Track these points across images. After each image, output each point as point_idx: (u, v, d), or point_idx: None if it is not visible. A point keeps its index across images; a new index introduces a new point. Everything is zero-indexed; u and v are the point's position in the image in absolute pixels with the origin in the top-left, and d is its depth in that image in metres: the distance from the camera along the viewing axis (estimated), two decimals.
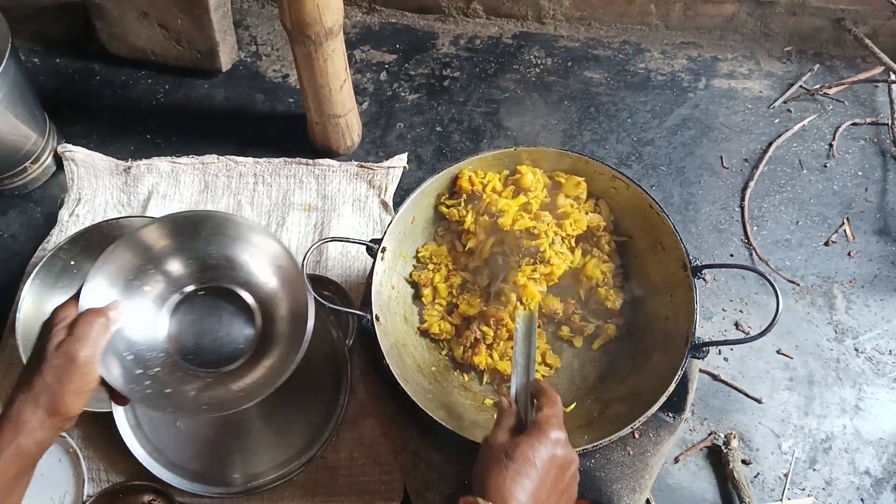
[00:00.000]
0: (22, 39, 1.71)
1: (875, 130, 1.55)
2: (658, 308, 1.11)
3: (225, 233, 0.96)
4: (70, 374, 0.76)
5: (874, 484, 1.19)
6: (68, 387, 0.76)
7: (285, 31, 1.27)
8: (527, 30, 1.74)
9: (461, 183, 1.16)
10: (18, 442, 0.75)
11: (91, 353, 0.78)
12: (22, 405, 0.75)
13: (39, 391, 0.76)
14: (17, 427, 0.75)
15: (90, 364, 0.78)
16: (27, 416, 0.75)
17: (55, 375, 0.76)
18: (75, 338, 0.78)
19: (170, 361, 0.93)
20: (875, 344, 1.31)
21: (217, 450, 1.19)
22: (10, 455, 0.74)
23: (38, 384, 0.76)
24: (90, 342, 0.78)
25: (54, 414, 0.76)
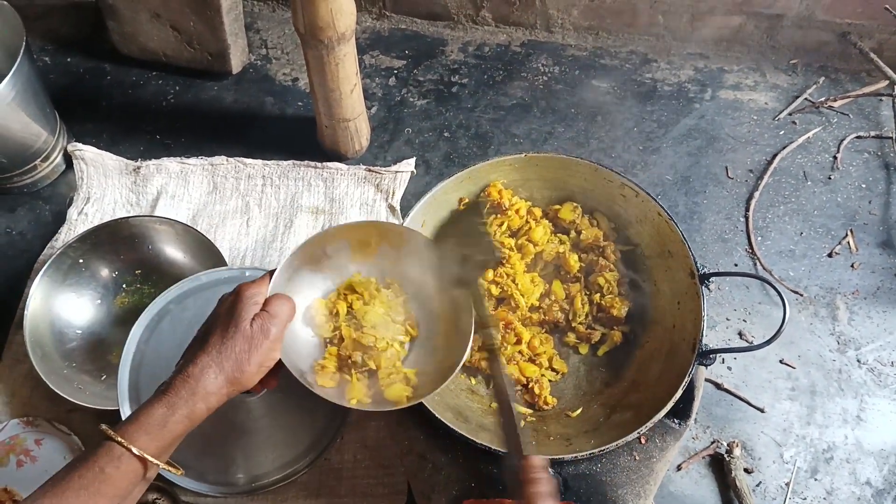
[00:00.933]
0: (33, 38, 1.73)
1: (879, 144, 1.57)
2: (665, 315, 1.12)
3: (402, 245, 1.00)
4: (261, 346, 0.78)
5: (875, 494, 1.19)
6: (255, 358, 0.78)
7: (298, 35, 1.28)
8: (535, 38, 1.76)
9: (491, 191, 1.19)
10: (194, 403, 0.75)
11: (281, 331, 0.81)
12: (205, 367, 0.76)
13: (226, 357, 0.77)
14: (196, 388, 0.75)
15: (278, 341, 0.80)
16: (208, 380, 0.76)
17: (247, 345, 0.78)
18: (272, 314, 0.80)
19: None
20: (877, 355, 1.32)
21: (222, 449, 1.19)
22: (182, 415, 0.75)
23: (227, 349, 0.77)
24: (283, 321, 0.81)
25: (233, 382, 0.77)
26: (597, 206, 1.22)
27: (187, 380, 0.76)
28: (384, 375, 0.95)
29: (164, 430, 0.74)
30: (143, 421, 0.74)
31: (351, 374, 0.94)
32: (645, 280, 1.18)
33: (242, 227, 1.43)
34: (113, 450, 0.72)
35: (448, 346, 0.97)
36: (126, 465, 0.72)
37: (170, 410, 0.75)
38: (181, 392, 0.75)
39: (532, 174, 1.22)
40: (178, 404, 0.75)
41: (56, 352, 1.25)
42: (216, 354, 0.77)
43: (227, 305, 0.82)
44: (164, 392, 0.76)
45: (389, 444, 1.20)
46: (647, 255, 1.18)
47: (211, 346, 0.77)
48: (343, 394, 0.93)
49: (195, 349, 0.79)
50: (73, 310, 1.29)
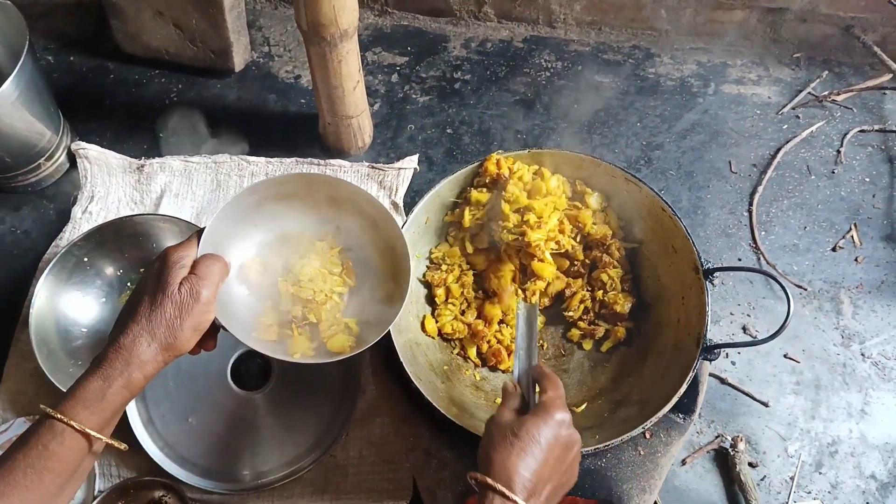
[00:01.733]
0: (37, 37, 1.73)
1: (883, 137, 1.56)
2: (670, 310, 1.12)
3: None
4: (192, 310, 0.77)
5: (880, 488, 1.20)
6: (188, 322, 0.77)
7: (300, 32, 1.28)
8: (538, 34, 1.76)
9: (488, 166, 1.17)
10: (129, 373, 0.75)
11: (212, 293, 0.80)
12: (137, 336, 0.76)
13: (157, 324, 0.76)
14: (130, 358, 0.75)
15: (210, 303, 0.80)
16: (141, 348, 0.76)
17: (178, 310, 0.77)
18: (200, 276, 0.79)
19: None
20: (881, 349, 1.32)
21: (227, 446, 1.19)
22: (119, 386, 0.75)
23: (156, 317, 0.76)
24: (213, 283, 0.80)
25: (168, 349, 0.77)
26: None
27: (120, 351, 0.75)
28: (325, 327, 0.96)
29: (103, 403, 0.74)
30: (80, 395, 0.74)
31: (292, 329, 0.95)
32: (649, 275, 1.18)
33: None
34: (54, 426, 0.72)
35: (389, 293, 0.99)
36: (69, 440, 0.72)
37: (106, 383, 0.74)
38: (115, 363, 0.75)
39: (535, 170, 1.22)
40: (114, 376, 0.75)
41: (61, 350, 1.25)
42: (146, 323, 0.76)
43: (154, 271, 0.81)
44: (99, 365, 0.75)
45: (394, 440, 1.20)
46: (650, 250, 1.18)
47: (140, 314, 0.77)
48: (285, 348, 0.93)
49: (125, 319, 0.78)
50: (79, 308, 1.29)
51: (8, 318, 1.32)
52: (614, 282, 1.19)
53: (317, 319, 0.97)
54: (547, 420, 0.80)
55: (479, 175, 1.18)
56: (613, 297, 1.18)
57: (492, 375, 1.18)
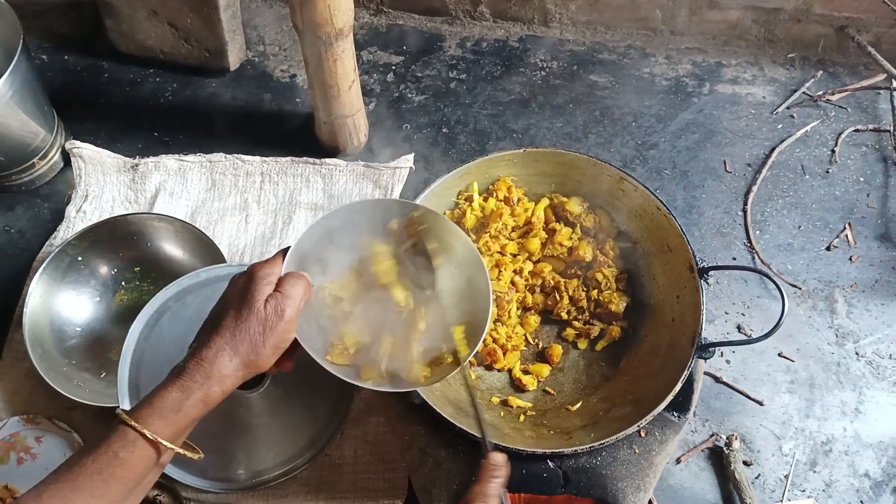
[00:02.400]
0: (31, 36, 1.72)
1: (877, 137, 1.57)
2: (664, 309, 1.12)
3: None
4: (275, 328, 0.76)
5: (874, 486, 1.20)
6: (271, 340, 0.76)
7: (296, 31, 1.28)
8: (533, 33, 1.76)
9: (500, 185, 1.20)
10: (209, 387, 0.74)
11: (296, 311, 0.78)
12: (220, 350, 0.75)
13: (241, 339, 0.75)
14: (211, 372, 0.74)
15: (293, 322, 0.78)
16: (223, 363, 0.74)
17: (262, 327, 0.76)
18: (286, 295, 0.78)
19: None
20: (875, 348, 1.32)
21: (222, 445, 1.19)
22: (196, 399, 0.74)
23: (241, 332, 0.75)
24: (297, 302, 0.79)
25: (248, 365, 0.76)
26: (596, 200, 1.22)
27: (201, 363, 0.74)
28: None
29: (179, 415, 0.73)
30: (157, 405, 0.73)
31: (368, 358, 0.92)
32: (644, 274, 1.18)
33: (241, 223, 1.43)
34: (127, 434, 0.71)
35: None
36: (140, 449, 0.71)
37: (184, 394, 0.73)
38: (196, 376, 0.74)
39: (531, 169, 1.22)
40: (193, 388, 0.73)
41: (56, 349, 1.25)
42: (230, 337, 0.75)
43: (239, 286, 0.80)
44: (179, 375, 0.74)
45: (390, 439, 1.20)
46: (645, 250, 1.18)
47: (224, 328, 0.76)
48: (358, 373, 0.91)
49: (208, 331, 0.77)
50: (73, 307, 1.29)
51: (2, 317, 1.32)
52: (609, 281, 1.19)
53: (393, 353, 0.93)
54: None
55: (489, 190, 1.21)
56: (608, 296, 1.18)
57: (487, 374, 1.18)
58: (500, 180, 1.22)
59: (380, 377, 0.91)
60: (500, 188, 1.22)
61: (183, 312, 1.13)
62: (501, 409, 1.11)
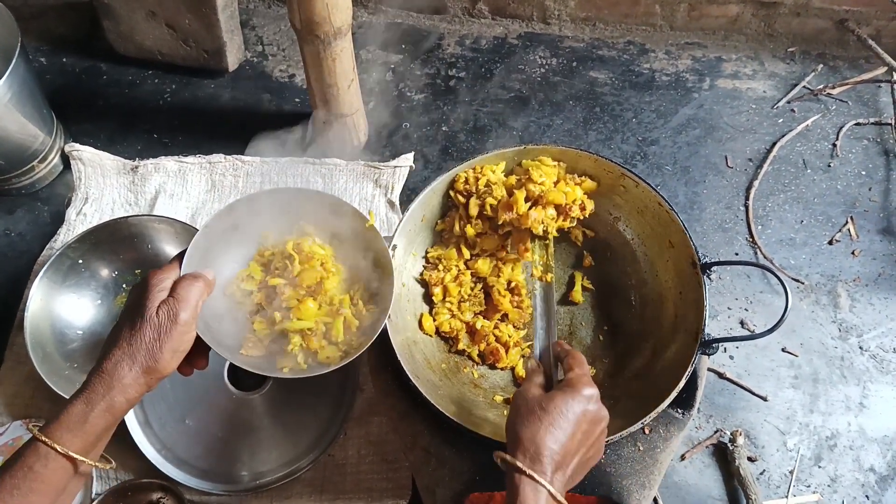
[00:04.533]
0: (29, 38, 1.72)
1: (878, 130, 1.56)
2: (667, 305, 1.12)
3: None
4: (170, 333, 0.78)
5: (879, 481, 1.20)
6: (167, 345, 0.78)
7: (294, 31, 1.28)
8: (532, 30, 1.75)
9: (457, 185, 1.16)
10: (111, 397, 0.76)
11: (191, 314, 0.80)
12: (118, 361, 0.77)
13: (137, 348, 0.77)
14: (112, 382, 0.76)
15: (189, 325, 0.80)
16: (122, 372, 0.77)
17: (156, 334, 0.78)
18: (178, 299, 0.80)
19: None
20: (879, 342, 1.32)
21: (225, 447, 1.19)
22: (101, 409, 0.76)
23: (136, 341, 0.78)
24: (191, 304, 0.81)
25: (149, 371, 0.78)
26: (597, 197, 1.21)
27: (102, 375, 0.77)
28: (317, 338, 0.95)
29: (86, 426, 0.75)
30: (63, 419, 0.75)
31: (285, 342, 0.94)
32: (646, 271, 1.18)
33: None
34: (39, 448, 0.74)
35: (374, 297, 0.99)
36: (53, 462, 0.74)
37: (88, 406, 0.76)
38: (97, 388, 0.76)
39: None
40: (96, 399, 0.76)
41: (57, 353, 1.25)
42: (127, 347, 0.78)
43: (134, 295, 0.82)
44: (83, 389, 0.77)
45: (393, 438, 1.20)
46: (648, 246, 1.18)
47: (122, 339, 0.78)
48: (273, 364, 0.92)
49: (109, 344, 0.79)
50: (74, 310, 1.29)
51: (3, 320, 1.32)
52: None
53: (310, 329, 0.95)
54: (576, 395, 0.82)
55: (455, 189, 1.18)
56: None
57: (490, 373, 1.17)
58: (455, 181, 1.17)
59: (296, 363, 0.93)
60: (458, 186, 1.17)
61: None
62: (505, 407, 1.10)
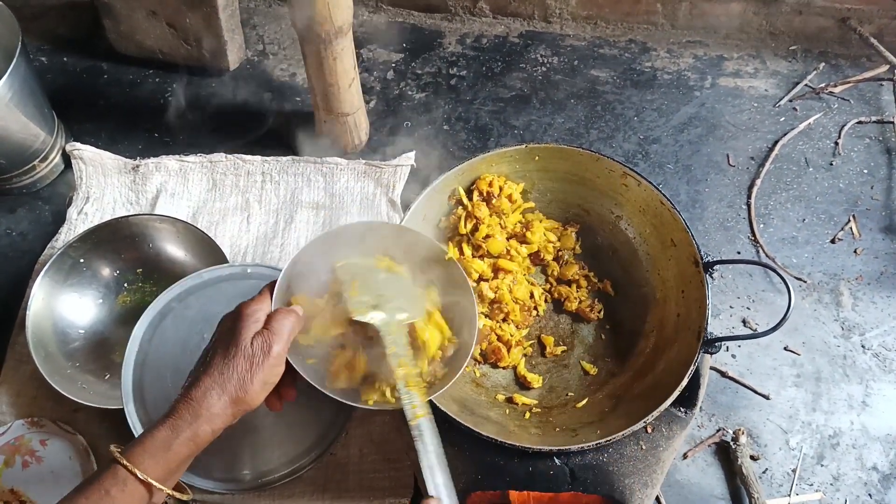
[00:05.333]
0: (30, 38, 1.72)
1: (880, 129, 1.56)
2: (669, 304, 1.12)
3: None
4: (263, 365, 0.78)
5: (882, 479, 1.19)
6: (258, 376, 0.78)
7: (295, 30, 1.28)
8: (533, 29, 1.75)
9: (480, 185, 1.18)
10: (198, 426, 0.75)
11: (283, 347, 0.80)
12: (208, 389, 0.76)
13: (229, 378, 0.77)
14: (199, 411, 0.75)
15: (281, 357, 0.80)
16: (212, 401, 0.76)
17: (248, 364, 0.78)
18: (272, 331, 0.80)
19: None
20: (882, 341, 1.32)
21: (227, 446, 1.19)
22: (185, 437, 0.75)
23: (228, 370, 0.77)
24: (284, 338, 0.80)
25: (238, 403, 0.77)
26: (599, 196, 1.21)
27: (190, 402, 0.76)
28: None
29: (169, 453, 0.74)
30: (147, 444, 0.75)
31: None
32: (648, 269, 1.18)
33: (243, 223, 1.43)
34: (118, 472, 0.73)
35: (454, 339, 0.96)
36: (131, 487, 0.73)
37: (173, 433, 0.75)
38: (185, 415, 0.75)
39: (532, 165, 1.21)
40: (182, 427, 0.75)
41: (59, 352, 1.25)
42: (218, 376, 0.77)
43: (227, 325, 0.82)
44: (168, 415, 0.76)
45: (395, 437, 1.19)
46: (649, 245, 1.17)
47: (213, 367, 0.78)
48: (358, 395, 0.91)
49: (199, 371, 0.79)
50: (76, 310, 1.29)
51: (5, 320, 1.32)
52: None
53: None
54: None
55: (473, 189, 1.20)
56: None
57: (492, 372, 1.17)
58: (480, 179, 1.20)
59: (382, 396, 0.91)
60: (482, 187, 1.20)
61: (186, 313, 1.13)
62: (507, 406, 1.11)
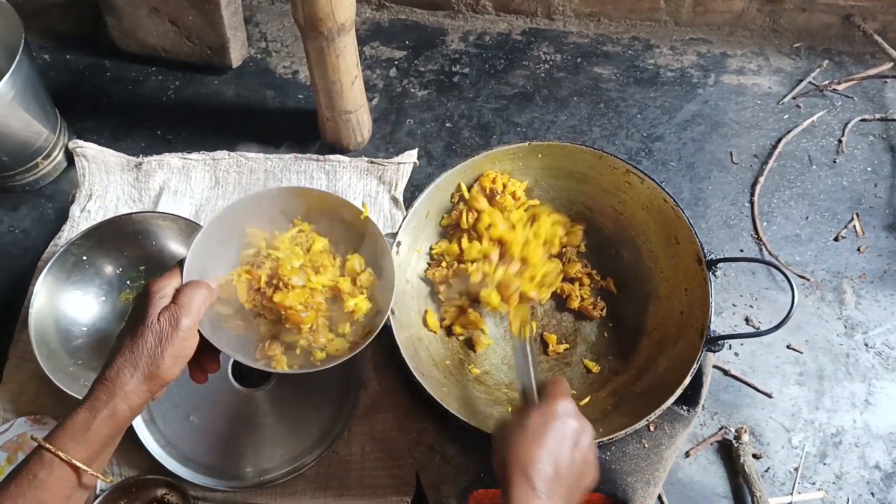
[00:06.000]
0: (32, 35, 1.72)
1: (884, 126, 1.56)
2: (672, 302, 1.11)
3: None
4: (172, 339, 0.79)
5: (884, 478, 1.19)
6: (169, 351, 0.78)
7: (297, 27, 1.28)
8: (536, 26, 1.75)
9: (483, 182, 1.18)
10: (114, 404, 0.76)
11: (193, 320, 0.81)
12: (121, 368, 0.77)
13: (139, 355, 0.78)
14: (114, 390, 0.77)
15: (191, 331, 0.81)
16: (125, 379, 0.77)
17: (157, 340, 0.78)
18: (180, 305, 0.80)
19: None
20: (885, 339, 1.31)
21: (230, 444, 1.19)
22: (104, 417, 0.76)
23: (138, 348, 0.78)
24: (193, 310, 0.81)
25: (152, 378, 0.78)
26: (602, 193, 1.21)
27: (105, 383, 0.77)
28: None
29: (89, 433, 0.75)
30: (68, 427, 0.76)
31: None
32: (651, 267, 1.18)
33: None
34: (43, 456, 0.74)
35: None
36: (57, 470, 0.74)
37: (91, 414, 0.76)
38: (101, 395, 0.77)
39: (536, 163, 1.21)
40: (99, 407, 0.76)
41: (62, 349, 1.25)
42: (129, 354, 0.78)
43: (137, 304, 0.83)
44: (86, 398, 0.77)
45: (398, 435, 1.20)
46: (652, 243, 1.17)
47: (124, 346, 0.79)
48: (269, 364, 0.92)
49: (112, 352, 0.80)
50: (78, 307, 1.29)
51: (7, 317, 1.32)
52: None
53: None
54: (551, 408, 0.84)
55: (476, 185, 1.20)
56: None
57: (494, 370, 1.17)
58: (483, 176, 1.20)
59: (306, 360, 0.92)
60: (485, 183, 1.20)
61: None
62: (510, 404, 1.10)
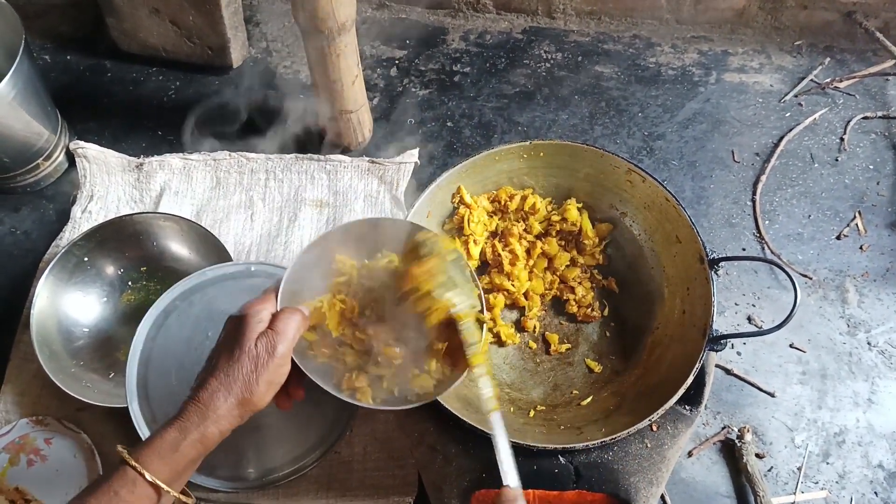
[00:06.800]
0: (33, 36, 1.72)
1: (886, 124, 1.55)
2: (675, 301, 1.11)
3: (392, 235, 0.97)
4: (268, 365, 0.78)
5: (888, 477, 1.19)
6: (264, 377, 0.78)
7: (298, 27, 1.27)
8: (537, 24, 1.74)
9: (500, 195, 1.19)
10: (205, 427, 0.76)
11: (288, 347, 0.81)
12: (215, 391, 0.77)
13: (234, 379, 0.77)
14: (206, 413, 0.76)
15: (286, 357, 0.81)
16: (218, 403, 0.77)
17: (253, 366, 0.78)
18: (277, 332, 0.80)
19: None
20: (888, 337, 1.31)
21: (232, 444, 1.17)
22: (193, 439, 0.76)
23: (234, 372, 0.78)
24: (289, 338, 0.81)
25: (244, 404, 0.78)
26: (603, 192, 1.21)
27: (197, 404, 0.77)
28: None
29: (177, 455, 0.75)
30: (156, 445, 0.75)
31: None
32: (653, 266, 1.18)
33: (247, 221, 1.43)
34: (127, 473, 0.74)
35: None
36: (140, 489, 0.73)
37: (181, 434, 0.75)
38: (192, 416, 0.76)
39: (537, 162, 1.21)
40: (190, 428, 0.76)
41: (64, 350, 1.25)
42: (224, 377, 0.78)
43: (232, 326, 0.82)
44: (177, 417, 0.77)
45: (399, 436, 1.19)
46: (654, 241, 1.17)
47: (219, 369, 0.78)
48: (354, 395, 0.91)
49: (206, 373, 0.80)
50: (80, 308, 1.29)
51: (9, 319, 1.32)
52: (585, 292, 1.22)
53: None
54: None
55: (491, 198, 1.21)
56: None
57: (495, 370, 1.17)
58: (500, 190, 1.20)
59: (389, 394, 0.91)
60: (501, 195, 1.20)
61: (190, 311, 1.13)
62: (511, 404, 1.10)
